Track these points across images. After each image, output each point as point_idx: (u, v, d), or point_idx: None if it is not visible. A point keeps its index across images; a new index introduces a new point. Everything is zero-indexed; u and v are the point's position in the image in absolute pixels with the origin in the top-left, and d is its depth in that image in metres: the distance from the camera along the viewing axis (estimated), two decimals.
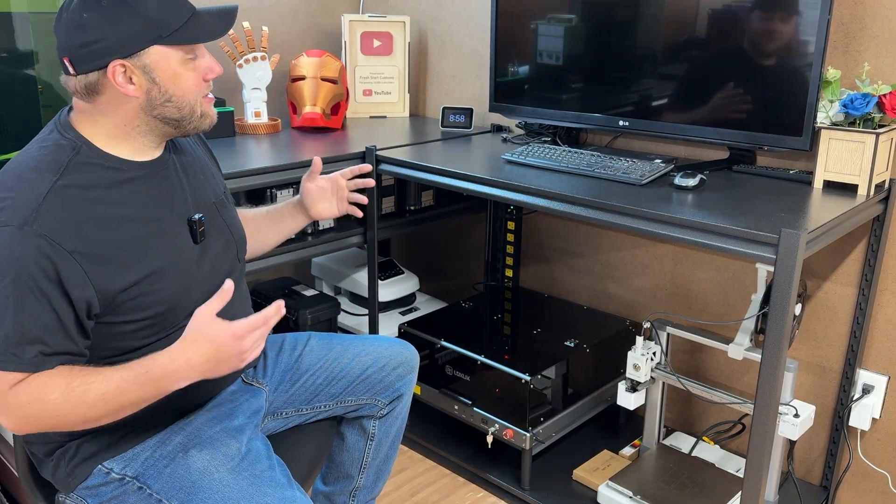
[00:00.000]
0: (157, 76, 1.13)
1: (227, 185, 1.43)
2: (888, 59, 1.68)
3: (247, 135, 2.25)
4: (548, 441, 1.96)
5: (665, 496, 1.82)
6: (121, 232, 1.14)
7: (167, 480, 1.19)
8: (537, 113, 2.11)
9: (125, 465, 1.22)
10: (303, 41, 2.56)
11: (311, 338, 1.53)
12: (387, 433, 1.55)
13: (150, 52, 1.11)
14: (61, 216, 1.08)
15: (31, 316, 1.06)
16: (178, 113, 1.17)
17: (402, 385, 1.53)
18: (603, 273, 2.32)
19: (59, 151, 1.13)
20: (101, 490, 1.22)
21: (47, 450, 1.24)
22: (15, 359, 1.05)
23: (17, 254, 1.04)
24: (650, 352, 1.86)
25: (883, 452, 1.87)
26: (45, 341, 1.07)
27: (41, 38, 1.78)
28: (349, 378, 1.48)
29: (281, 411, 1.47)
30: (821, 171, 1.65)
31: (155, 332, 1.20)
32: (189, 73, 1.16)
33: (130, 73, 1.11)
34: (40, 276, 1.05)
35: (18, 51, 1.77)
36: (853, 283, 1.82)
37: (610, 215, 1.58)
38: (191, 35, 1.14)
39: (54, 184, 1.09)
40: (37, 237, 1.05)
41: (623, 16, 1.89)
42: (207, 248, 1.28)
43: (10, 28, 1.75)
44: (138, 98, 1.13)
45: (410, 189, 2.24)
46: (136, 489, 1.21)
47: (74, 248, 1.08)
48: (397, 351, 1.53)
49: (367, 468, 1.57)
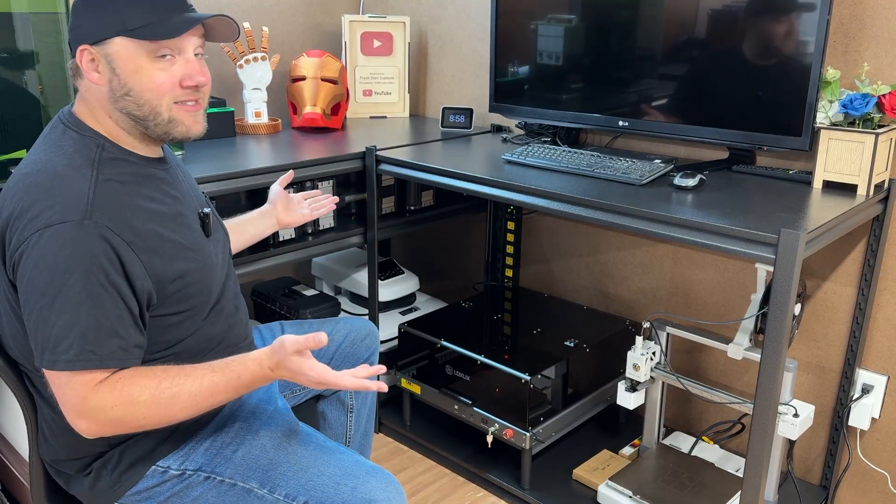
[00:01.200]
0: (117, 67, 1.12)
1: None
2: (888, 59, 1.68)
3: (247, 135, 2.25)
4: (548, 441, 1.96)
5: (665, 496, 1.83)
6: (160, 223, 1.15)
7: (240, 463, 1.21)
8: (537, 113, 2.11)
9: (183, 460, 1.22)
10: (303, 41, 2.56)
11: (282, 325, 1.62)
12: (364, 403, 1.66)
13: (114, 42, 1.11)
14: (113, 209, 1.09)
15: (105, 310, 1.05)
16: (139, 110, 1.14)
17: (372, 355, 1.65)
18: (603, 273, 2.32)
19: (85, 148, 1.13)
20: (156, 490, 1.22)
21: (80, 465, 1.23)
22: (95, 356, 1.05)
23: (84, 249, 1.04)
24: (650, 352, 1.86)
25: (882, 452, 1.87)
26: (121, 335, 1.07)
27: (41, 38, 1.78)
28: (327, 355, 1.58)
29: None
30: (820, 171, 1.66)
31: (194, 322, 1.22)
32: (156, 72, 1.13)
33: (97, 60, 1.12)
34: (110, 269, 1.06)
35: (18, 51, 1.77)
36: (853, 283, 1.82)
37: (610, 215, 1.58)
38: (150, 32, 1.11)
39: (96, 177, 1.10)
40: (100, 230, 1.05)
41: (623, 16, 1.89)
42: (215, 241, 1.31)
43: (11, 28, 1.75)
44: (102, 87, 1.14)
45: (410, 189, 2.24)
46: (203, 480, 1.21)
47: (131, 240, 1.09)
48: (361, 325, 1.66)
49: (352, 442, 1.65)
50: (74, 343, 1.04)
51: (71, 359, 1.04)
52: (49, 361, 1.05)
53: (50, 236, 1.04)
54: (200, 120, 1.20)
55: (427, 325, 2.16)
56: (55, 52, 1.51)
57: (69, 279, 1.03)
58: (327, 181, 2.02)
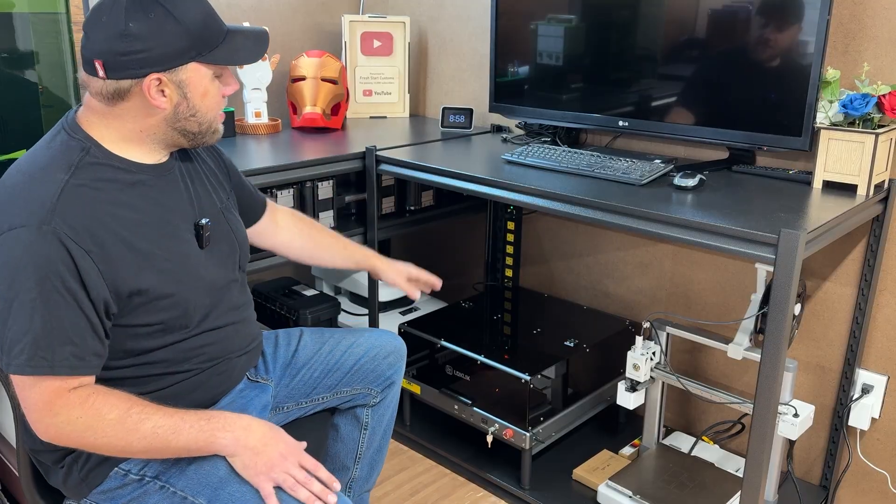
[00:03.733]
0: (188, 92, 1.15)
1: (232, 193, 1.43)
2: (888, 59, 1.68)
3: (247, 135, 2.25)
4: (548, 441, 1.96)
5: (665, 496, 1.83)
6: (133, 233, 1.14)
7: (192, 477, 1.19)
8: (537, 113, 2.11)
9: (143, 465, 1.21)
10: (303, 41, 2.56)
11: (302, 333, 1.55)
12: (379, 421, 1.58)
13: (188, 69, 1.13)
14: (76, 215, 1.08)
15: (59, 317, 1.05)
16: (199, 127, 1.19)
17: (394, 373, 1.56)
18: (603, 273, 2.32)
19: (69, 151, 1.13)
20: (118, 493, 1.22)
21: (56, 457, 1.23)
22: (46, 363, 1.05)
23: (40, 254, 1.04)
24: (650, 352, 1.86)
25: (882, 452, 1.87)
26: (75, 342, 1.07)
27: (41, 39, 1.78)
28: (344, 369, 1.51)
29: (282, 406, 1.48)
30: (820, 171, 1.66)
31: (171, 334, 1.21)
32: (215, 91, 1.19)
33: (164, 86, 1.12)
34: (66, 275, 1.05)
35: (19, 51, 1.77)
36: (852, 283, 1.82)
37: (609, 215, 1.58)
38: (227, 56, 1.17)
39: (67, 182, 1.09)
40: (58, 235, 1.05)
41: (623, 16, 1.89)
42: (213, 253, 1.29)
43: (11, 28, 1.75)
44: (166, 111, 1.15)
45: (410, 189, 2.24)
46: (158, 488, 1.20)
47: (90, 248, 1.08)
48: (387, 340, 1.57)
49: (362, 459, 1.59)
50: (26, 348, 1.04)
51: (22, 363, 1.04)
52: (5, 364, 1.06)
53: (7, 240, 1.05)
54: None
55: (427, 325, 2.16)
56: (55, 52, 1.51)
57: (25, 284, 1.03)
58: (327, 181, 2.02)
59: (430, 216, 2.30)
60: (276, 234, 1.58)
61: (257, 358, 1.45)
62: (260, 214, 1.55)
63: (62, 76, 1.81)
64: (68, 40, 1.82)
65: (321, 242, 1.63)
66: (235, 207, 1.42)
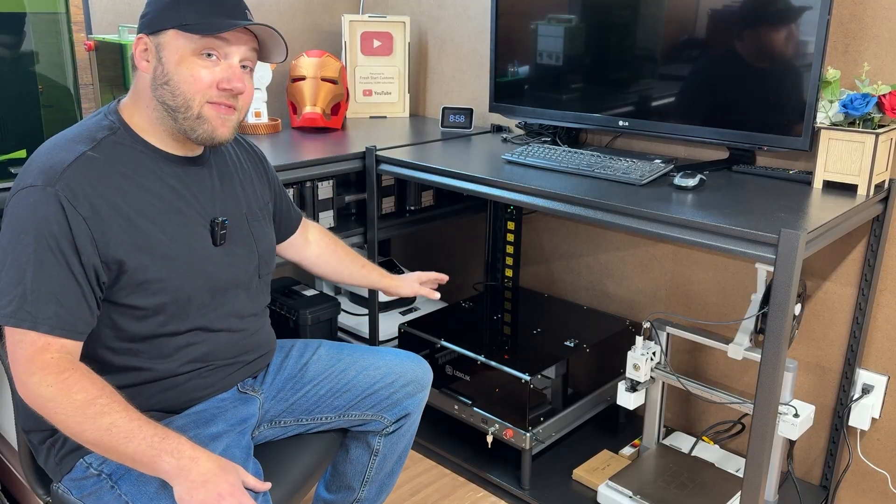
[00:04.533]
0: (163, 56, 1.17)
1: (269, 204, 1.44)
2: (888, 59, 1.68)
3: (247, 135, 2.25)
4: (548, 441, 1.96)
5: (665, 496, 1.83)
6: (137, 211, 1.17)
7: (134, 483, 1.18)
8: (537, 113, 2.11)
9: (102, 461, 1.21)
10: (303, 41, 2.56)
11: (321, 346, 1.50)
12: (392, 450, 1.51)
13: (167, 34, 1.17)
14: (81, 182, 1.12)
15: (49, 274, 1.09)
16: (173, 100, 1.18)
17: (411, 403, 1.47)
18: (603, 273, 2.32)
19: (98, 129, 1.19)
20: (83, 483, 1.23)
21: (41, 437, 1.25)
22: (29, 316, 1.08)
23: (40, 213, 1.09)
24: (650, 352, 1.86)
25: (882, 452, 1.87)
26: (61, 302, 1.09)
27: (41, 38, 1.78)
28: (354, 391, 1.43)
29: (279, 420, 1.43)
30: (820, 171, 1.66)
31: (165, 323, 1.22)
32: (198, 68, 1.17)
33: (149, 50, 1.18)
34: (60, 236, 1.09)
35: (18, 51, 1.77)
36: (853, 283, 1.82)
37: (610, 215, 1.58)
38: (202, 28, 1.16)
39: (83, 154, 1.14)
40: (58, 197, 1.09)
41: (623, 16, 1.89)
42: (228, 253, 1.29)
43: (11, 28, 1.75)
44: (147, 75, 1.19)
45: (410, 189, 2.24)
46: (109, 488, 1.20)
47: (87, 214, 1.11)
48: (409, 367, 1.48)
49: (370, 482, 1.53)
50: (14, 300, 1.08)
51: (7, 314, 1.08)
52: None
53: (20, 197, 1.11)
54: (230, 125, 1.22)
55: (427, 325, 2.16)
56: (55, 52, 1.51)
57: (24, 239, 1.09)
58: (327, 181, 2.02)
59: (430, 216, 2.29)
60: (305, 248, 1.62)
61: (257, 370, 1.41)
62: (295, 228, 1.58)
63: (62, 76, 1.81)
64: (68, 40, 1.81)
65: (344, 260, 1.65)
66: (268, 219, 1.42)
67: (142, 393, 1.23)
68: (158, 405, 1.26)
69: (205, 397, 1.32)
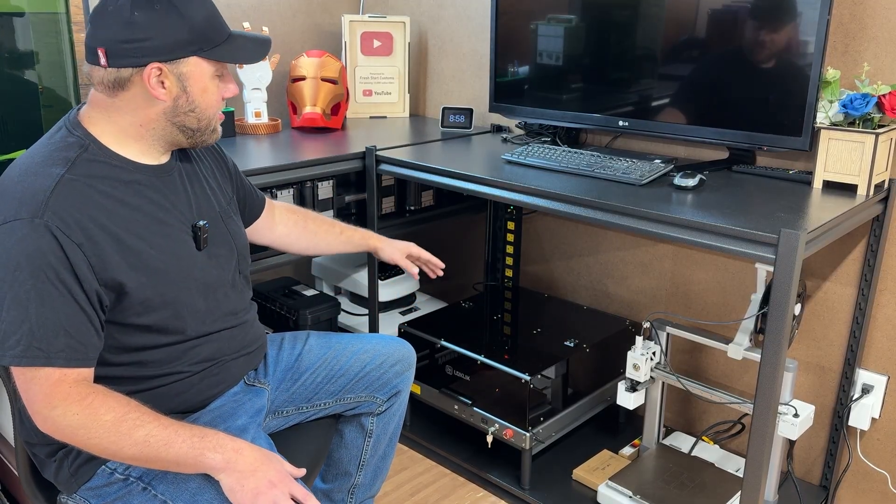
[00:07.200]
0: (188, 86, 1.16)
1: (234, 196, 1.44)
2: (888, 59, 1.68)
3: (247, 135, 2.25)
4: (548, 441, 1.96)
5: (665, 496, 1.83)
6: (124, 230, 1.15)
7: (172, 481, 1.19)
8: (537, 113, 2.11)
9: (128, 465, 1.21)
10: (303, 41, 2.56)
11: (309, 336, 1.55)
12: (385, 430, 1.56)
13: (189, 62, 1.15)
14: (68, 208, 1.09)
15: (54, 308, 1.06)
16: (197, 124, 1.21)
17: (401, 382, 1.54)
18: (603, 273, 2.32)
19: (67, 147, 1.14)
20: (105, 491, 1.22)
21: (49, 451, 1.24)
22: (42, 353, 1.06)
23: (33, 247, 1.05)
24: (650, 352, 1.86)
25: (882, 452, 1.87)
26: (70, 333, 1.08)
27: (41, 38, 1.78)
28: (348, 376, 1.49)
29: (282, 410, 1.47)
30: (820, 171, 1.66)
31: (165, 336, 1.22)
32: (215, 89, 1.20)
33: (165, 77, 1.14)
34: (59, 267, 1.07)
35: (18, 51, 1.77)
36: (853, 283, 1.82)
37: (610, 215, 1.58)
38: (229, 54, 1.19)
39: (61, 177, 1.10)
40: (50, 228, 1.06)
41: (623, 16, 1.89)
42: (211, 255, 1.29)
43: (11, 28, 1.75)
44: (165, 103, 1.16)
45: (410, 189, 2.24)
46: (141, 490, 1.20)
47: (81, 241, 1.09)
48: (395, 348, 1.55)
49: (366, 466, 1.57)
50: (22, 339, 1.05)
51: (18, 354, 1.05)
52: None
53: (4, 232, 1.06)
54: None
55: (427, 325, 2.16)
56: (55, 52, 1.51)
57: (19, 276, 1.05)
58: (327, 181, 2.02)
59: (430, 216, 2.29)
60: (272, 228, 1.60)
61: (258, 360, 1.44)
62: (259, 212, 1.56)
63: (62, 76, 1.81)
64: (68, 40, 1.82)
65: (317, 231, 1.64)
66: (237, 212, 1.42)
67: (164, 396, 1.24)
68: (178, 407, 1.26)
69: (219, 393, 1.34)
